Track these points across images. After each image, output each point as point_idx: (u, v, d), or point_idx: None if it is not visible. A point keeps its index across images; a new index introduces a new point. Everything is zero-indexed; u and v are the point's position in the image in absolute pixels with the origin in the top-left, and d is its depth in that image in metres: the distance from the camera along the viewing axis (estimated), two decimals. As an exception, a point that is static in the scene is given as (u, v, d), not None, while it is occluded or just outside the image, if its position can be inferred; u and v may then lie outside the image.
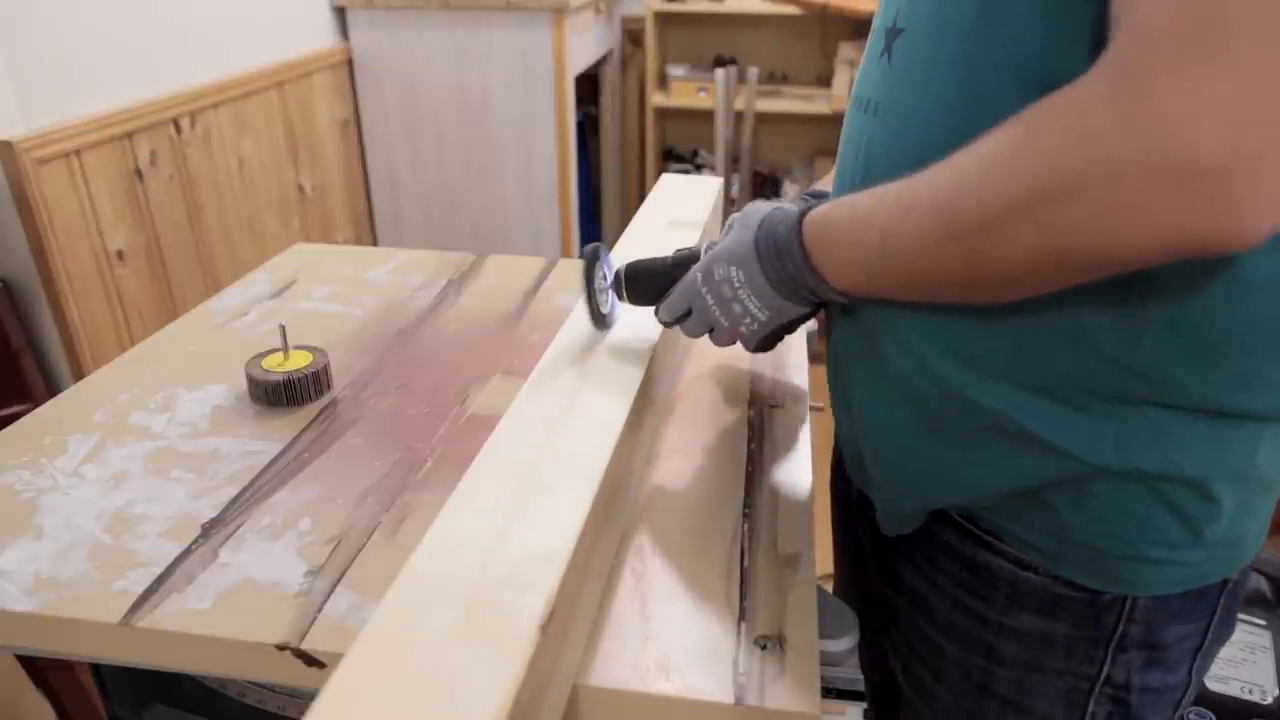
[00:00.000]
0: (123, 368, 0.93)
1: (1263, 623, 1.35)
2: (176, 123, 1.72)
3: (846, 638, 0.65)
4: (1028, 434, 0.56)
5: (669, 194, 1.11)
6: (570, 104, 2.37)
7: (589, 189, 3.20)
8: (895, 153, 0.57)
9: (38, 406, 0.85)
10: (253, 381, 0.86)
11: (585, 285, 0.73)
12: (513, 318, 1.06)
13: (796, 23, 3.08)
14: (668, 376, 0.86)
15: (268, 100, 2.01)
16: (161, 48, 1.69)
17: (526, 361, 0.89)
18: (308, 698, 0.41)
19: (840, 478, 0.84)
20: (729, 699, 0.54)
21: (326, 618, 0.60)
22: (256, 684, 0.79)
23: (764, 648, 0.58)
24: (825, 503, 0.86)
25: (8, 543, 0.67)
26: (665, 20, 3.21)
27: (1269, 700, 1.25)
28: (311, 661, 0.58)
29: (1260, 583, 1.39)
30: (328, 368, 0.89)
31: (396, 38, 2.33)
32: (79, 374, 1.50)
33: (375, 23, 2.32)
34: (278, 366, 0.87)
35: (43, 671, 1.34)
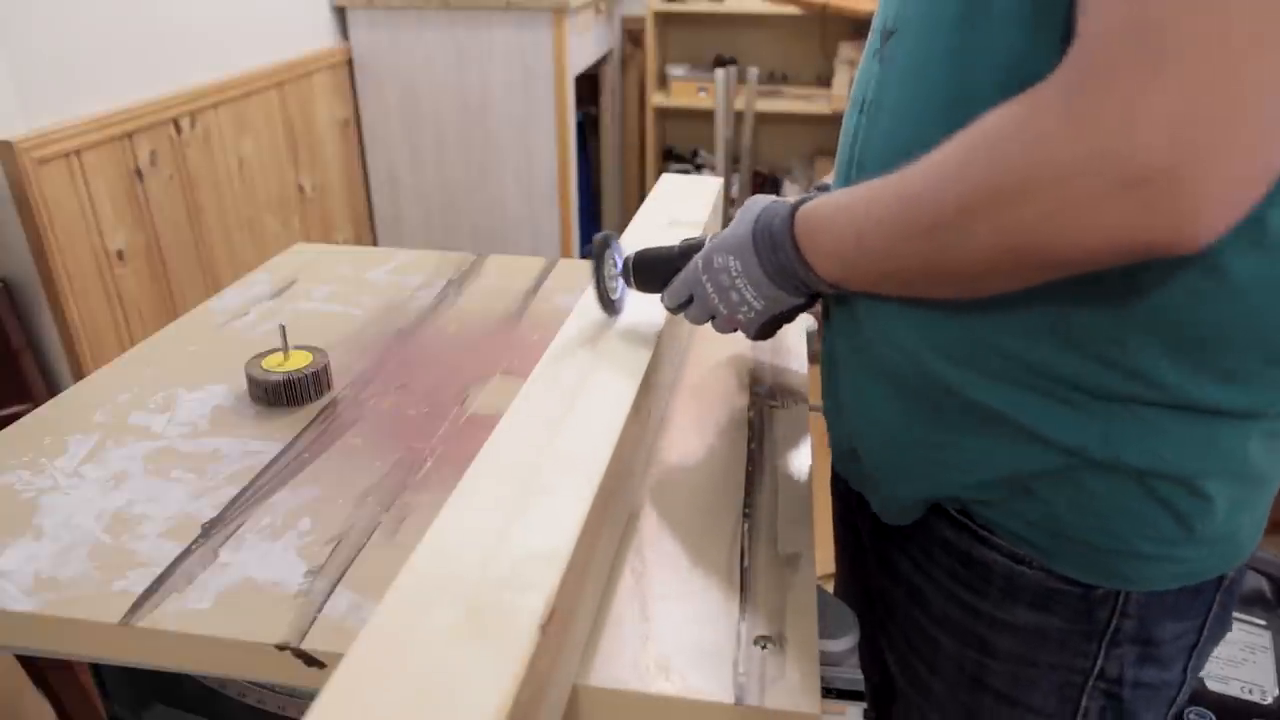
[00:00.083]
0: (123, 368, 0.93)
1: (1263, 623, 1.35)
2: (176, 123, 1.72)
3: (846, 638, 0.65)
4: (1017, 427, 0.57)
5: (669, 194, 1.11)
6: (570, 104, 2.37)
7: (589, 189, 3.20)
8: (887, 151, 0.58)
9: (38, 406, 0.85)
10: (253, 381, 0.86)
11: (595, 272, 0.76)
12: (513, 318, 1.06)
13: (796, 23, 3.08)
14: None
15: (268, 100, 2.01)
16: (161, 48, 1.69)
17: (526, 361, 0.89)
18: (308, 698, 0.41)
19: (839, 474, 0.84)
20: (729, 699, 0.54)
21: (326, 618, 0.60)
22: (256, 684, 0.79)
23: (764, 648, 0.58)
24: (826, 502, 0.86)
25: (8, 543, 0.67)
26: (665, 20, 3.21)
27: (1269, 700, 1.25)
28: (311, 661, 0.58)
29: (1260, 582, 1.39)
30: (328, 368, 0.89)
31: (396, 38, 2.33)
32: (79, 374, 1.50)
33: (375, 23, 2.32)
34: (278, 366, 0.87)
35: (43, 671, 1.34)
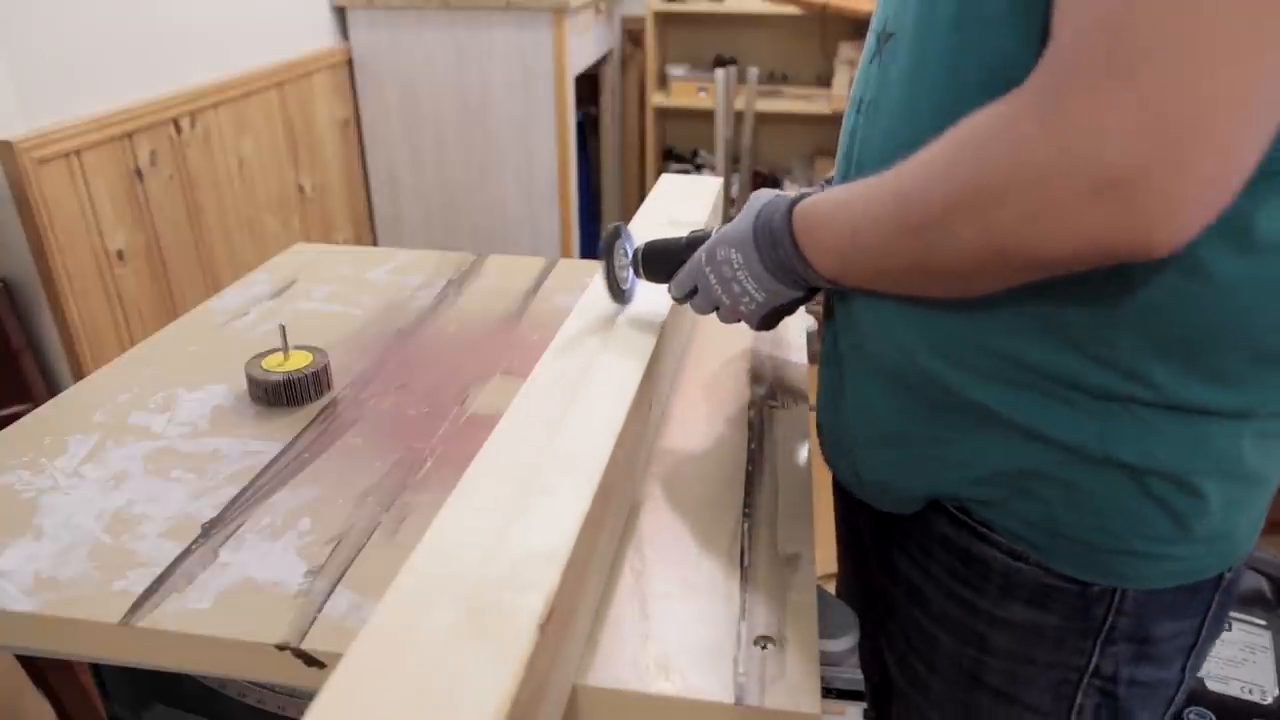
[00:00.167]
0: (123, 368, 0.93)
1: (1263, 623, 1.34)
2: (176, 123, 1.72)
3: (846, 638, 0.65)
4: (1015, 425, 0.57)
5: (669, 194, 1.11)
6: (570, 104, 2.37)
7: (589, 189, 3.19)
8: (885, 151, 0.59)
9: (38, 406, 0.85)
10: (253, 381, 0.86)
11: (605, 261, 0.78)
12: (513, 318, 1.06)
13: (796, 23, 3.08)
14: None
15: (268, 100, 2.01)
16: (161, 48, 1.69)
17: (526, 361, 0.89)
18: (308, 698, 0.41)
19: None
20: (729, 699, 0.54)
21: (326, 618, 0.60)
22: (256, 684, 0.79)
23: (764, 647, 0.58)
24: (828, 502, 0.86)
25: (8, 543, 0.67)
26: (665, 20, 3.21)
27: (1269, 700, 1.25)
28: (311, 661, 0.58)
29: (1260, 582, 1.39)
30: (328, 368, 0.89)
31: (396, 38, 2.33)
32: (79, 374, 1.50)
33: (375, 23, 2.32)
34: (278, 366, 0.87)
35: (43, 671, 1.34)
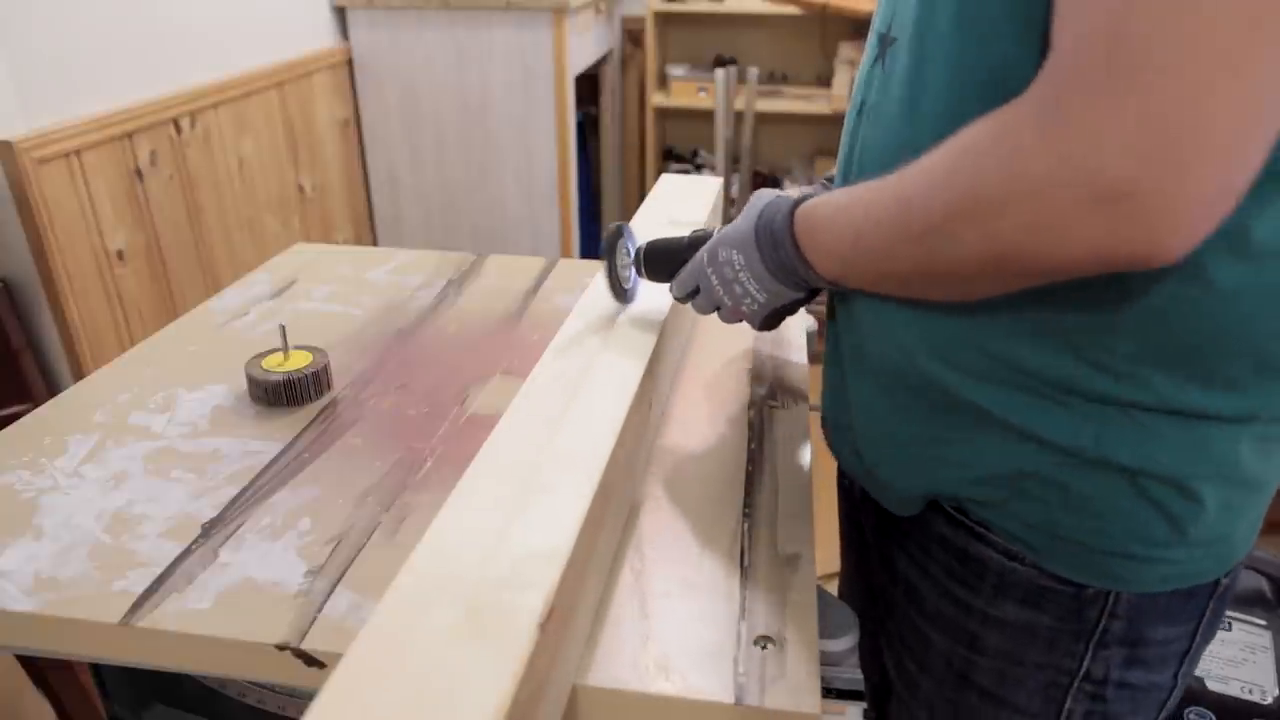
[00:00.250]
0: (123, 368, 0.93)
1: (1263, 623, 1.34)
2: (176, 123, 1.72)
3: (846, 638, 0.65)
4: (1013, 427, 0.57)
5: (669, 194, 1.11)
6: (570, 104, 2.37)
7: (589, 189, 3.19)
8: (886, 155, 0.59)
9: (38, 406, 0.85)
10: (253, 381, 0.86)
11: (607, 261, 0.78)
12: (513, 318, 1.06)
13: (796, 23, 3.08)
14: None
15: (268, 100, 2.01)
16: (161, 48, 1.69)
17: (526, 361, 0.89)
18: (308, 698, 0.41)
19: (844, 470, 0.84)
20: (729, 699, 0.54)
21: (326, 618, 0.60)
22: (256, 684, 0.79)
23: (764, 647, 0.58)
24: (830, 501, 0.86)
25: (8, 543, 0.67)
26: (665, 20, 3.21)
27: (1269, 700, 1.25)
28: (311, 661, 0.58)
29: (1260, 583, 1.39)
30: (328, 368, 0.89)
31: (396, 38, 2.33)
32: (79, 374, 1.50)
33: (375, 23, 2.32)
34: (278, 366, 0.87)
35: (43, 671, 1.34)
